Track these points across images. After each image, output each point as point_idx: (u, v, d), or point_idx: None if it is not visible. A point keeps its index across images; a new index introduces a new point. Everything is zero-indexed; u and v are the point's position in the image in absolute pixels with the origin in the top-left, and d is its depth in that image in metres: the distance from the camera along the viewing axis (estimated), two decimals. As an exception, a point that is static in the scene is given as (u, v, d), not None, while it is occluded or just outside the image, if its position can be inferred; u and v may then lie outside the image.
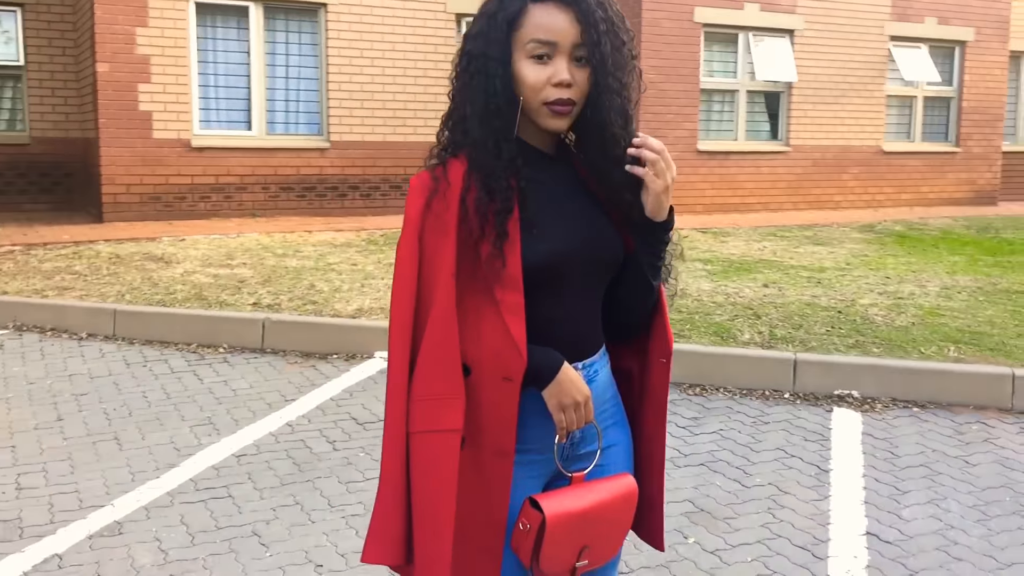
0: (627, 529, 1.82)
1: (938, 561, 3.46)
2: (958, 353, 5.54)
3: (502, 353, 1.67)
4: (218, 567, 3.34)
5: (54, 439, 4.47)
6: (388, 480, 1.73)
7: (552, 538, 1.68)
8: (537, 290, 1.71)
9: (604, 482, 1.79)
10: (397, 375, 1.72)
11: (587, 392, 1.74)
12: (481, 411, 1.68)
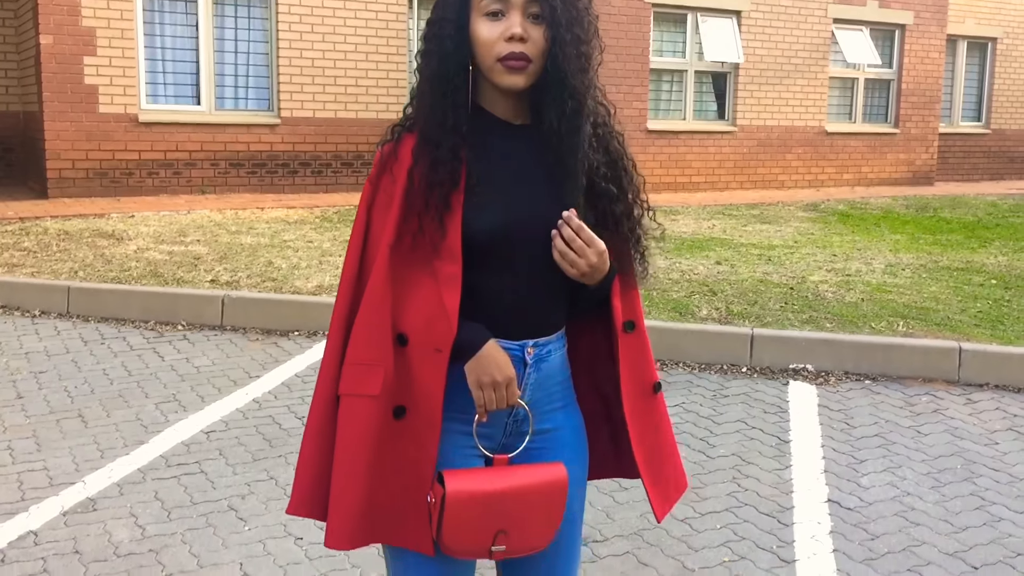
0: (558, 520, 1.74)
1: (897, 526, 3.62)
2: (906, 328, 5.74)
3: (434, 324, 1.68)
4: (197, 542, 3.34)
5: (16, 417, 4.40)
6: (309, 437, 1.77)
7: (453, 516, 1.66)
8: (486, 263, 1.71)
9: (528, 467, 1.75)
10: (332, 339, 1.76)
11: (509, 373, 1.71)
12: (414, 382, 1.70)
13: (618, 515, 3.64)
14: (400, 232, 1.70)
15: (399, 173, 1.72)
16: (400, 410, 1.70)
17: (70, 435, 4.21)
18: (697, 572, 3.26)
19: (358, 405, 1.70)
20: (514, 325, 1.76)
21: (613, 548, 3.39)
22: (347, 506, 1.69)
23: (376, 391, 1.68)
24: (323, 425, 1.75)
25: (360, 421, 1.70)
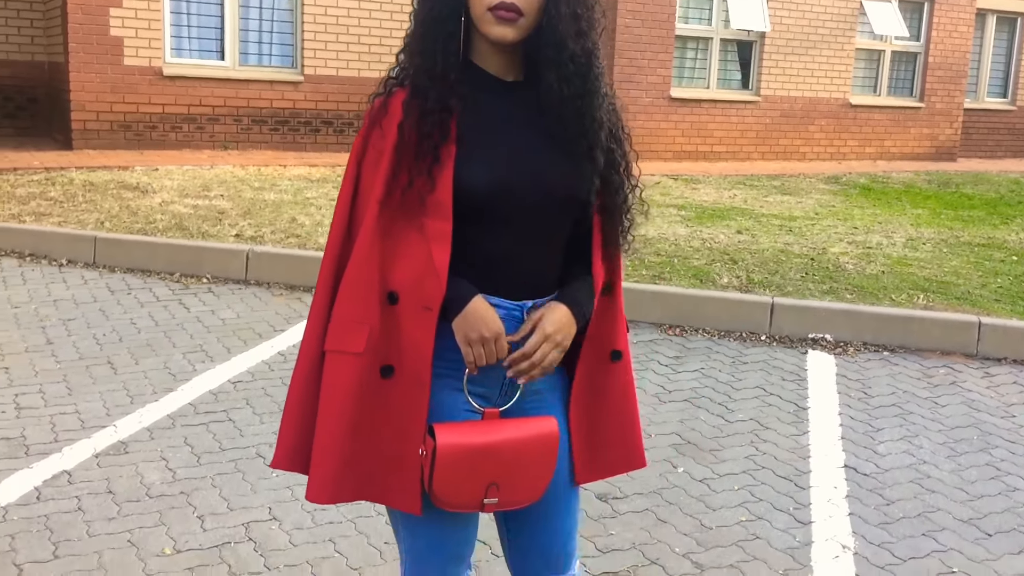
0: (549, 473, 1.76)
1: (913, 492, 3.67)
2: (926, 301, 5.75)
3: (424, 281, 1.68)
4: (227, 485, 3.43)
5: (46, 362, 4.48)
6: (294, 392, 1.78)
7: (444, 468, 1.66)
8: (480, 221, 1.70)
9: (518, 421, 1.76)
10: (319, 295, 1.76)
11: (497, 329, 1.70)
12: (403, 339, 1.69)
13: (638, 473, 3.70)
14: (389, 187, 1.68)
15: (389, 128, 1.71)
16: (387, 369, 1.70)
17: (100, 381, 4.30)
18: (714, 530, 3.32)
19: (342, 362, 1.70)
20: (513, 285, 1.75)
21: (633, 505, 3.46)
22: (329, 461, 1.70)
23: (360, 348, 1.68)
24: (308, 380, 1.75)
25: (344, 378, 1.70)
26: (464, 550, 1.85)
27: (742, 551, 3.19)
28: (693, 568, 3.08)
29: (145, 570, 2.88)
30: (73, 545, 2.99)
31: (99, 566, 2.89)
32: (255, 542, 3.08)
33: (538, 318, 1.74)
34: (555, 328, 1.72)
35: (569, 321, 1.74)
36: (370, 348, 1.69)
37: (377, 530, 3.18)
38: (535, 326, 1.73)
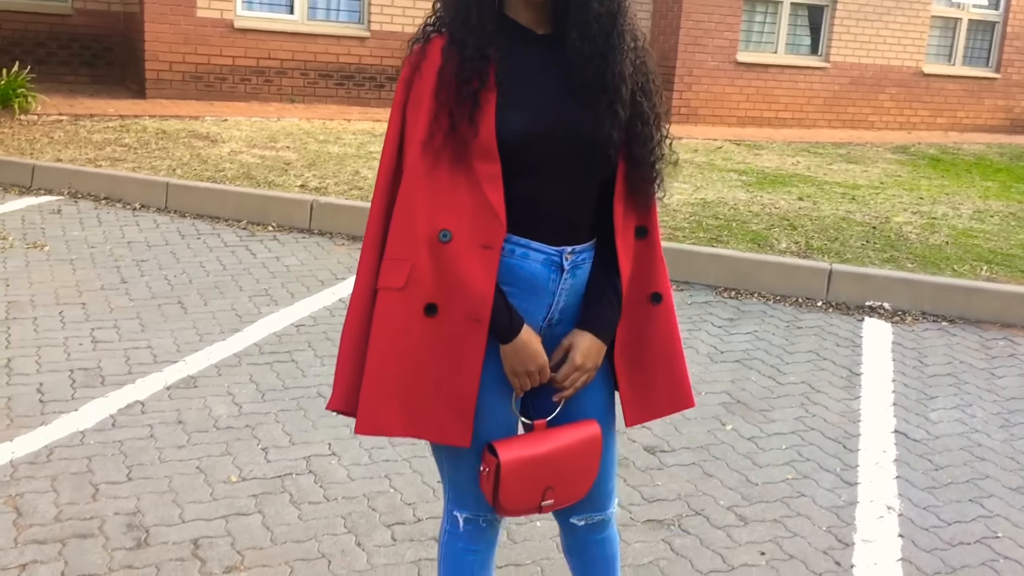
0: (594, 471, 1.88)
1: (962, 459, 3.68)
2: (989, 273, 5.68)
3: (480, 221, 1.72)
4: (289, 421, 3.57)
5: (121, 300, 4.68)
6: (347, 332, 1.84)
7: (508, 481, 1.77)
8: (518, 168, 1.74)
9: (564, 429, 1.86)
10: (368, 237, 1.83)
11: (541, 363, 1.80)
12: (459, 277, 1.73)
13: (686, 429, 3.77)
14: (431, 130, 1.72)
15: (428, 72, 1.75)
16: (431, 308, 1.74)
17: (171, 319, 4.48)
18: (760, 486, 3.38)
19: (387, 298, 1.76)
20: (550, 231, 1.80)
21: (680, 459, 3.53)
22: (376, 395, 1.76)
23: (400, 284, 1.74)
24: (359, 321, 1.81)
25: (389, 314, 1.76)
26: None
27: (786, 507, 3.25)
28: (737, 520, 3.14)
29: (212, 495, 3.04)
30: (145, 469, 3.16)
31: (169, 489, 3.05)
32: (315, 474, 3.22)
33: (568, 346, 1.85)
34: (584, 358, 1.84)
35: (597, 348, 1.85)
36: (412, 284, 1.74)
37: (431, 469, 3.30)
38: (566, 354, 1.85)
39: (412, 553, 2.82)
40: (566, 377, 1.84)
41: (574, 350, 1.84)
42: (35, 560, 2.63)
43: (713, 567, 2.88)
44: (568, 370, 1.84)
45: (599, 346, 1.86)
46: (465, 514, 1.93)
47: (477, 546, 1.96)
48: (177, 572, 2.64)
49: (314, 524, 2.93)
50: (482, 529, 1.95)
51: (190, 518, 2.90)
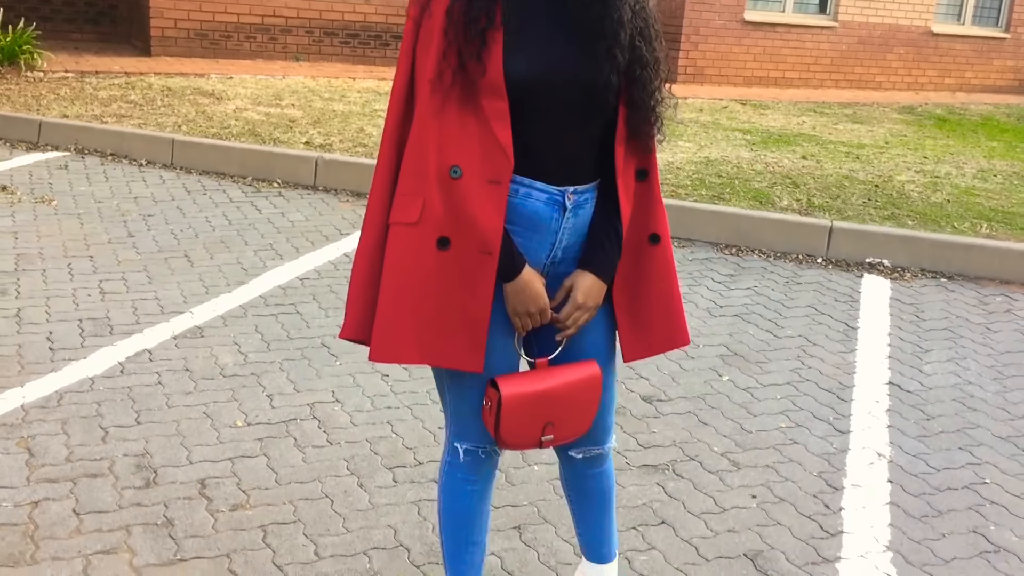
0: (594, 410, 1.95)
1: (954, 409, 3.75)
2: (989, 230, 5.71)
3: (489, 157, 1.78)
4: (294, 370, 3.65)
5: (128, 253, 4.75)
6: (358, 265, 1.91)
7: (509, 415, 1.85)
8: (520, 109, 1.78)
9: (565, 367, 1.94)
10: (379, 174, 1.88)
11: (542, 305, 1.87)
12: (470, 212, 1.79)
13: (683, 379, 3.84)
14: (440, 68, 1.76)
15: (438, 12, 1.78)
16: (444, 241, 1.80)
17: (178, 272, 4.55)
18: (754, 434, 3.45)
19: (400, 232, 1.83)
20: (553, 172, 1.85)
21: (676, 407, 3.60)
22: (390, 324, 1.83)
23: (414, 219, 1.81)
24: (371, 254, 1.88)
25: (402, 247, 1.82)
26: None
27: (779, 453, 3.32)
28: (730, 466, 3.22)
29: (218, 438, 3.13)
30: (153, 414, 3.25)
31: (177, 432, 3.14)
32: (319, 420, 3.30)
33: (570, 286, 1.91)
34: (585, 297, 1.91)
35: (598, 287, 1.92)
36: (425, 219, 1.80)
37: (432, 416, 3.38)
38: (568, 294, 1.91)
39: (412, 494, 2.91)
40: (568, 316, 1.91)
41: (576, 290, 1.90)
42: (47, 498, 2.72)
43: (705, 509, 2.96)
44: (570, 309, 1.90)
45: (600, 286, 1.92)
46: (466, 445, 2.00)
47: (475, 477, 2.04)
48: (185, 509, 2.73)
49: (317, 466, 3.02)
50: (481, 461, 2.03)
51: (197, 460, 2.99)
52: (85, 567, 2.45)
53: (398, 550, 2.63)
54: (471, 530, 2.08)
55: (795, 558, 2.74)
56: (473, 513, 2.07)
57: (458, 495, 2.05)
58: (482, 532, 2.11)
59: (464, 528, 2.07)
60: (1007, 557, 2.81)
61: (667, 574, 2.63)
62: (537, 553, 2.68)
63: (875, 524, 2.93)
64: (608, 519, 2.22)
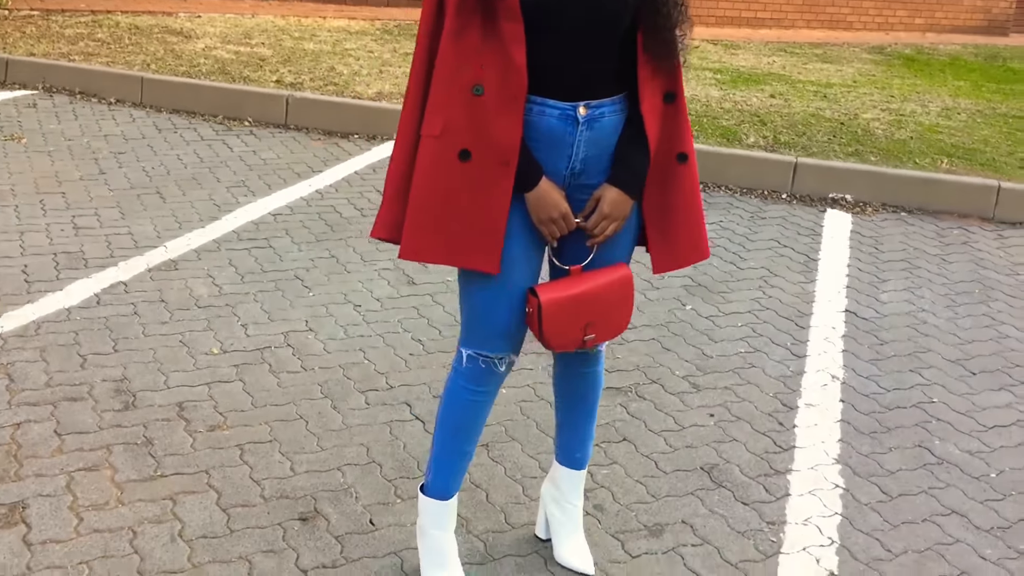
0: (629, 308, 2.12)
1: (907, 335, 3.90)
2: (950, 166, 5.84)
3: (506, 76, 1.90)
4: (268, 301, 3.73)
5: (100, 189, 4.77)
6: (391, 172, 2.06)
7: (550, 318, 2.01)
8: (537, 29, 1.89)
9: (599, 272, 2.08)
10: (410, 90, 2.02)
11: (562, 210, 2.00)
12: (489, 127, 1.92)
13: (648, 309, 3.95)
14: None
15: None
16: (465, 153, 1.94)
17: (150, 208, 4.59)
18: (715, 359, 3.58)
19: (428, 144, 1.97)
20: (568, 88, 1.96)
21: (640, 335, 3.72)
22: (417, 227, 1.99)
23: (436, 132, 1.95)
24: (401, 162, 2.03)
25: (429, 158, 1.97)
26: (510, 324, 2.08)
27: (737, 376, 3.46)
28: (690, 388, 3.35)
29: (195, 365, 3.21)
30: (130, 342, 3.32)
31: (154, 360, 3.22)
32: (293, 348, 3.39)
33: (598, 198, 2.04)
34: (611, 208, 2.03)
35: (623, 200, 2.04)
36: (448, 133, 1.93)
37: (403, 343, 3.48)
38: (596, 205, 2.04)
39: (384, 415, 3.02)
40: (595, 225, 2.04)
41: (602, 201, 2.04)
42: (28, 420, 2.81)
43: (665, 427, 3.09)
44: (597, 219, 2.04)
45: (625, 199, 2.04)
46: (469, 351, 2.12)
47: (476, 387, 2.14)
48: (164, 430, 2.82)
49: (292, 390, 3.12)
50: (481, 371, 2.13)
51: (174, 384, 3.08)
52: (68, 483, 2.55)
53: (371, 466, 2.75)
54: (461, 438, 2.19)
55: (749, 470, 2.88)
56: (465, 421, 2.18)
57: (455, 401, 2.16)
58: (471, 442, 2.21)
59: (454, 434, 2.19)
60: (949, 468, 2.97)
61: (627, 486, 2.76)
62: (504, 468, 2.80)
63: (826, 440, 3.08)
64: (589, 424, 2.35)
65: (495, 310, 2.06)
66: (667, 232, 2.13)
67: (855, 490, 2.82)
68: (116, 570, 2.25)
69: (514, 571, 2.37)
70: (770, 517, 2.66)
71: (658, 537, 2.55)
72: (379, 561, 2.36)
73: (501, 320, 2.07)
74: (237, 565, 2.30)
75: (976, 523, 2.71)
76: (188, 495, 2.54)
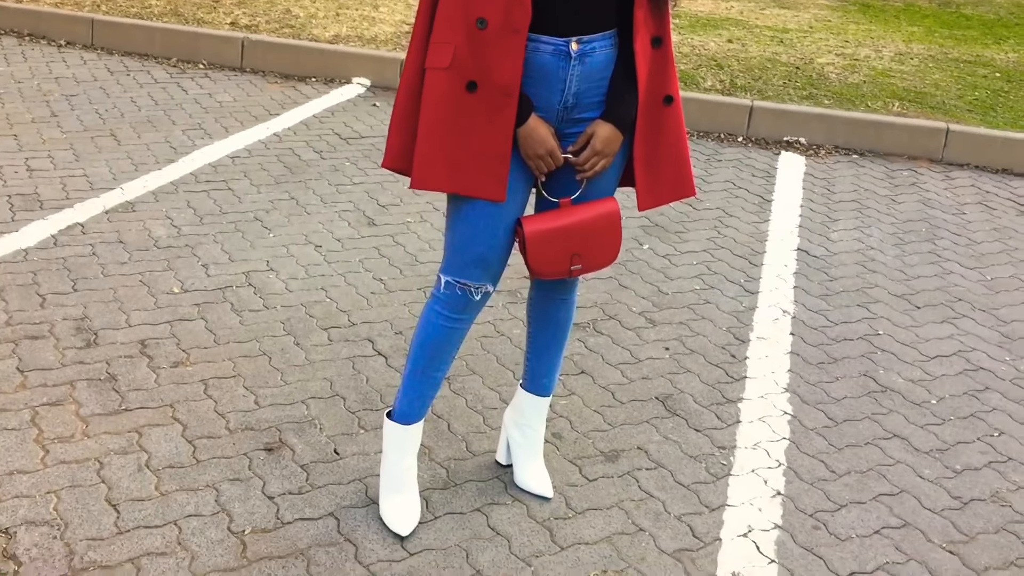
0: (617, 241, 2.18)
1: (855, 272, 4.01)
2: (901, 109, 5.95)
3: (509, 10, 1.95)
4: (228, 242, 3.74)
5: (53, 132, 4.71)
6: (398, 105, 2.11)
7: (534, 247, 2.08)
8: None
9: (587, 205, 2.14)
10: (417, 25, 2.07)
11: (549, 147, 2.05)
12: (493, 58, 1.97)
13: (605, 248, 4.02)
14: None
15: None
16: (472, 84, 2.00)
17: (105, 150, 4.54)
18: (671, 295, 3.67)
19: (436, 76, 2.02)
20: (561, 23, 2.02)
21: (598, 274, 3.78)
22: (426, 157, 2.04)
23: (446, 64, 2.00)
24: (409, 94, 2.08)
25: (437, 89, 2.02)
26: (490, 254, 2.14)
27: (692, 312, 3.55)
28: (646, 323, 3.44)
29: (156, 304, 3.23)
30: (90, 282, 3.32)
31: (115, 299, 3.23)
32: (254, 287, 3.42)
33: (590, 134, 2.08)
34: (603, 144, 2.08)
35: (615, 136, 2.09)
36: (455, 64, 1.99)
37: (364, 283, 3.52)
38: (588, 141, 2.08)
39: (347, 351, 3.07)
40: (586, 160, 2.10)
41: (595, 138, 2.09)
42: (-9, 358, 2.82)
43: (622, 360, 3.18)
44: (588, 154, 2.10)
45: (617, 135, 2.10)
46: (448, 277, 2.18)
47: (450, 313, 2.20)
48: (127, 367, 2.85)
49: (255, 328, 3.15)
50: (458, 298, 2.18)
51: (136, 323, 3.10)
52: (33, 417, 2.57)
53: (334, 399, 2.80)
54: (430, 363, 2.25)
55: (702, 399, 2.98)
56: (437, 347, 2.23)
57: (429, 325, 2.22)
58: (440, 369, 2.27)
59: (424, 359, 2.24)
60: (892, 396, 3.10)
61: (585, 415, 2.85)
62: (465, 400, 2.87)
63: (776, 370, 3.19)
64: (558, 350, 2.43)
65: (478, 239, 2.12)
66: (654, 171, 2.19)
67: (802, 417, 2.93)
68: (84, 499, 2.29)
69: (475, 495, 2.45)
70: (721, 442, 2.77)
71: (614, 462, 2.64)
72: (344, 487, 2.43)
73: (482, 249, 2.13)
74: (204, 493, 2.36)
75: (916, 445, 2.83)
76: (153, 428, 2.58)
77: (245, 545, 2.20)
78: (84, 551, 2.13)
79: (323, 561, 2.17)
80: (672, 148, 2.19)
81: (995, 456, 2.81)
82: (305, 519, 2.30)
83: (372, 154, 4.84)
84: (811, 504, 2.52)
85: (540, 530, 2.34)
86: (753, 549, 2.33)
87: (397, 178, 4.55)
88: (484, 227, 2.10)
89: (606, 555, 2.28)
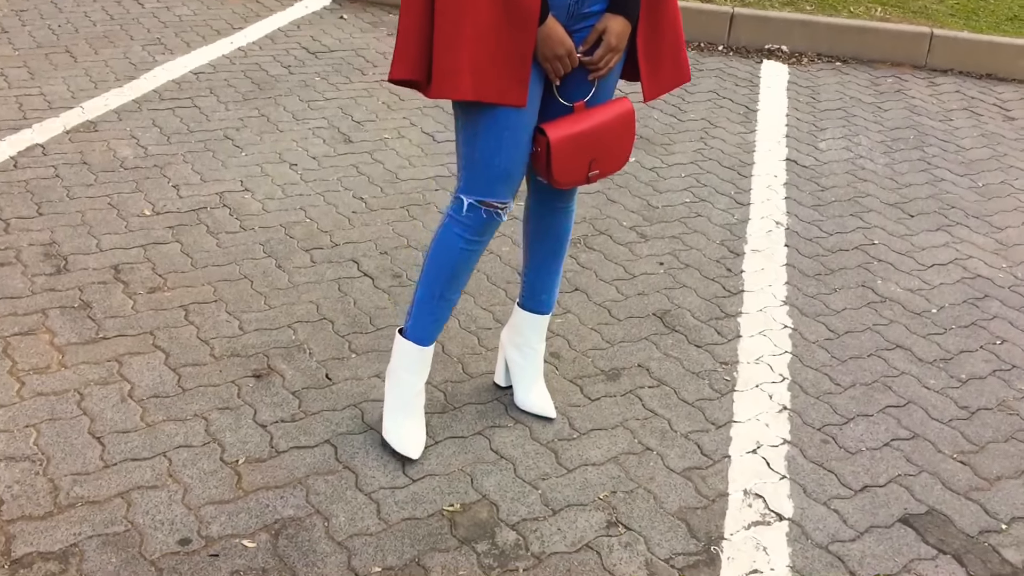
0: (630, 143, 2.12)
1: (846, 181, 3.93)
2: (884, 14, 5.81)
3: None
4: (198, 162, 3.56)
5: (4, 48, 4.45)
6: (410, 11, 1.95)
7: (559, 156, 2.00)
8: None
9: (602, 107, 2.07)
10: None
11: (568, 47, 1.95)
12: None
13: (591, 161, 3.89)
14: None
15: None
16: None
17: (61, 67, 4.30)
18: (660, 209, 3.57)
19: None
20: None
21: (586, 188, 3.67)
22: (448, 63, 1.90)
23: None
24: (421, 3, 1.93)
25: None
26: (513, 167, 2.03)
27: (684, 225, 3.46)
28: (638, 238, 3.34)
29: (127, 227, 3.07)
30: (55, 205, 3.15)
31: (83, 223, 3.06)
32: (229, 208, 3.26)
33: (602, 29, 1.99)
34: (617, 40, 2.00)
35: (626, 28, 2.01)
36: None
37: (345, 202, 3.38)
38: (600, 37, 2.00)
39: (332, 273, 2.94)
40: (600, 58, 2.01)
41: (608, 33, 1.99)
42: (-45, 288, 2.66)
43: (616, 276, 3.08)
44: (603, 51, 2.00)
45: (627, 27, 2.01)
46: (471, 199, 2.05)
47: (472, 236, 2.08)
48: (100, 293, 2.71)
49: (233, 251, 3.01)
50: (482, 220, 2.07)
51: (107, 247, 2.94)
52: (5, 347, 2.44)
53: (322, 322, 2.69)
54: (448, 286, 2.14)
55: (700, 315, 2.91)
56: (456, 270, 2.13)
57: (448, 249, 2.10)
58: (457, 291, 2.18)
59: (442, 282, 2.14)
60: (891, 305, 3.05)
61: (582, 333, 2.77)
62: (458, 321, 2.77)
63: (773, 283, 3.11)
64: (557, 265, 2.32)
65: (503, 151, 2.00)
66: (655, 60, 2.12)
67: (803, 329, 2.87)
68: (66, 432, 2.18)
69: (475, 418, 2.37)
70: (723, 358, 2.70)
71: (615, 381, 2.56)
72: (339, 414, 2.33)
73: (506, 163, 2.02)
74: (193, 423, 2.25)
75: (919, 356, 2.79)
76: (134, 356, 2.46)
77: (240, 476, 2.10)
78: (69, 486, 2.02)
79: (323, 490, 2.09)
80: (670, 37, 2.13)
81: (999, 364, 2.78)
82: (301, 447, 2.21)
83: (343, 68, 4.63)
84: (818, 418, 2.47)
85: (545, 452, 2.27)
86: (763, 465, 2.28)
87: (371, 93, 4.37)
88: (508, 137, 1.98)
89: (614, 476, 2.21)
